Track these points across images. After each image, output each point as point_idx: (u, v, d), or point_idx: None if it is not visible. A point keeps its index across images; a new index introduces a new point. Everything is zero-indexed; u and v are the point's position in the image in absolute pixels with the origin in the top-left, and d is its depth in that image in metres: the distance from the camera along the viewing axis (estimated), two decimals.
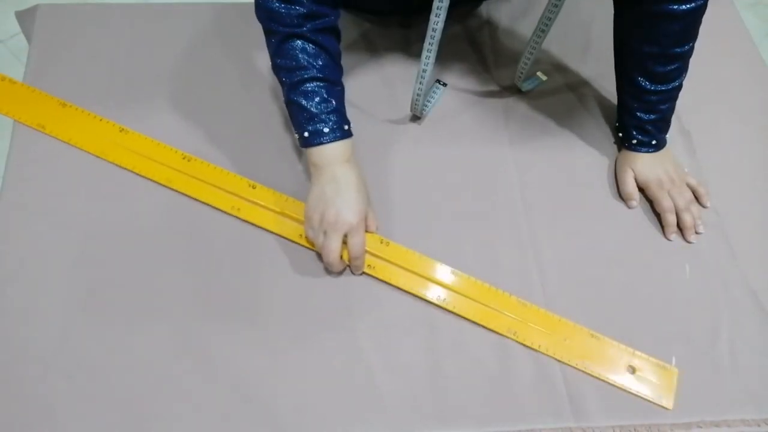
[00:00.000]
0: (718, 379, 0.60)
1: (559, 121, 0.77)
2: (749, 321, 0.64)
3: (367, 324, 0.61)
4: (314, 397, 0.57)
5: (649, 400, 0.59)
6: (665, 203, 0.69)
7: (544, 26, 0.67)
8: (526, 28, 0.85)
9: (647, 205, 0.71)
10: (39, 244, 0.63)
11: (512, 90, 0.79)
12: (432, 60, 0.64)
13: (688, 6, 0.60)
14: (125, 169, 0.68)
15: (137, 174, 0.68)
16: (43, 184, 0.67)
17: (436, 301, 0.62)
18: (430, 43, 0.63)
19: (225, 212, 0.66)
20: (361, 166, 0.65)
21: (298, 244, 0.65)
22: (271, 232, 0.66)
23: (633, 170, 0.71)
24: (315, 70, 0.60)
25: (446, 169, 0.72)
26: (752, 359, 0.61)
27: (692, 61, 0.63)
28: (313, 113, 0.61)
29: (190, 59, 0.77)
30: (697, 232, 0.69)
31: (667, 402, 0.59)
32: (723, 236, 0.70)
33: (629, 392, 0.59)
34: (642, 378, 0.60)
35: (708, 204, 0.71)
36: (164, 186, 0.67)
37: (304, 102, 0.60)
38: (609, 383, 0.59)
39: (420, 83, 0.67)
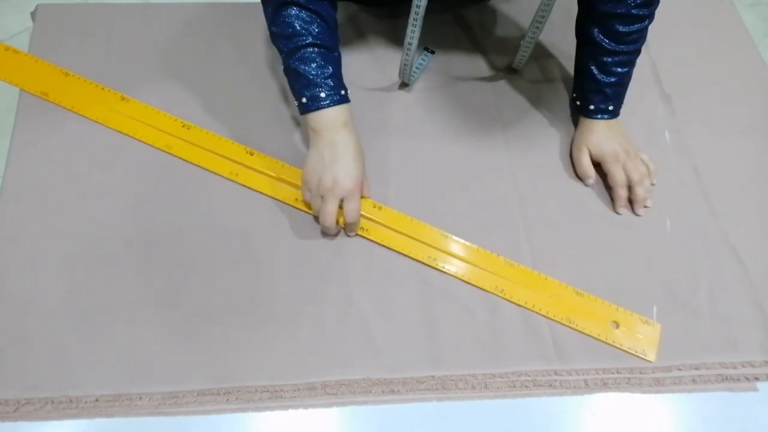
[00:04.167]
0: (698, 327, 0.63)
1: (546, 88, 0.80)
2: (727, 272, 0.67)
3: (361, 278, 0.64)
4: (310, 344, 0.59)
5: (633, 354, 0.60)
6: (619, 177, 0.70)
7: (542, 13, 0.69)
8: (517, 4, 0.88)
9: None
10: (43, 208, 0.65)
11: (502, 62, 0.82)
12: (417, 35, 0.67)
13: None
14: (126, 135, 0.70)
15: (137, 140, 0.70)
16: (48, 151, 0.68)
17: (426, 261, 0.64)
18: (414, 19, 0.64)
19: (223, 177, 0.68)
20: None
21: (295, 207, 0.67)
22: (269, 196, 0.67)
23: (588, 147, 0.72)
24: (311, 37, 0.61)
25: (435, 135, 0.75)
26: (729, 307, 0.64)
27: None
28: (310, 79, 0.62)
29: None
30: (645, 206, 0.71)
31: (651, 356, 0.60)
32: (702, 194, 0.73)
33: (614, 346, 0.61)
34: (626, 333, 0.62)
35: (655, 181, 0.72)
36: (163, 152, 0.69)
37: (301, 68, 0.62)
38: (594, 338, 0.61)
39: (407, 54, 0.70)
